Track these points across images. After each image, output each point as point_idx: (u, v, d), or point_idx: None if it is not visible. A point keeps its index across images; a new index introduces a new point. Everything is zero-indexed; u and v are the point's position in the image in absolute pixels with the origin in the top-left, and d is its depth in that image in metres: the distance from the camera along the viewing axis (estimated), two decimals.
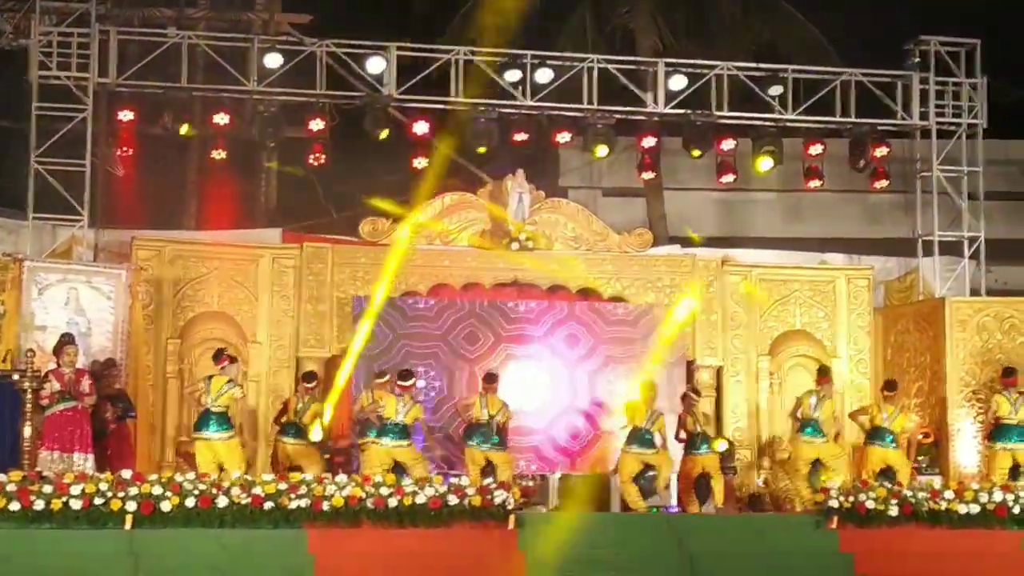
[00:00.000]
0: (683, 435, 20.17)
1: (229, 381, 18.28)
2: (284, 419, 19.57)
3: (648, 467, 19.65)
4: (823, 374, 20.31)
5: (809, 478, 19.43)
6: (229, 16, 26.44)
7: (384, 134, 21.93)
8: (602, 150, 22.73)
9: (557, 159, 28.03)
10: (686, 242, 24.58)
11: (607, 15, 27.88)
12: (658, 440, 19.67)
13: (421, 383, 20.51)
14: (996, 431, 19.72)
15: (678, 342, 21.99)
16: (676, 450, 20.22)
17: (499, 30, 23.01)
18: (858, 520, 17.47)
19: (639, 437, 19.57)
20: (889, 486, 18.06)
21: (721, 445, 20.83)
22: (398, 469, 18.28)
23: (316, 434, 19.44)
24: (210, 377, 18.37)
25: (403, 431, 18.79)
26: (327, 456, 19.85)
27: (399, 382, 19.10)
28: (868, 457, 19.63)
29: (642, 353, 21.79)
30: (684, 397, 20.60)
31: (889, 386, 20.13)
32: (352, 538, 16.19)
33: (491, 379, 19.84)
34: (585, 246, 22.58)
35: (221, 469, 17.54)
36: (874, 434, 19.65)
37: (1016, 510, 17.69)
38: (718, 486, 19.91)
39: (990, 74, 23.34)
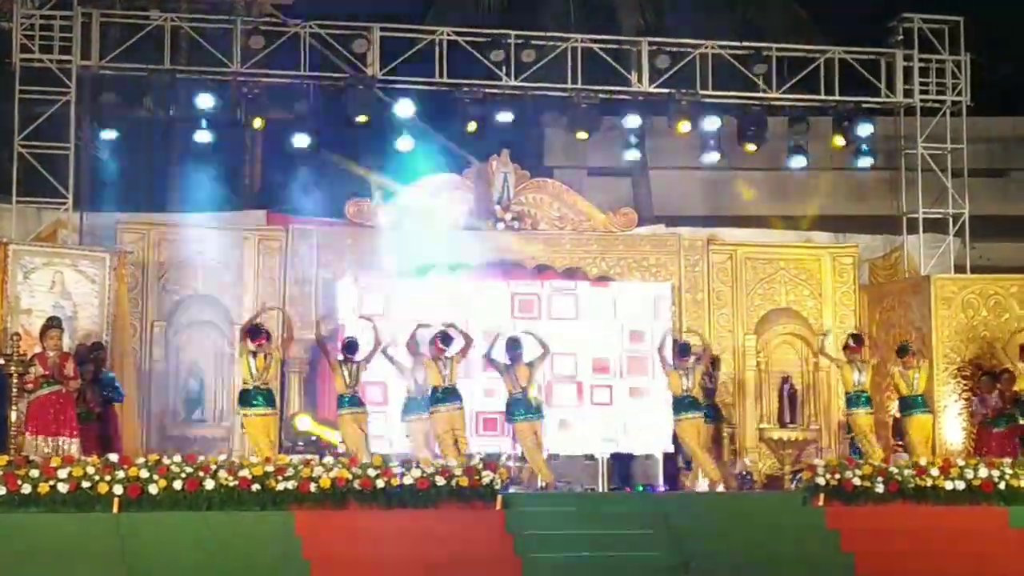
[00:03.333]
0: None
1: (267, 356, 18.11)
2: None
3: None
4: (858, 342, 20.21)
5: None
6: None
7: (368, 115, 21.90)
8: (581, 134, 22.76)
9: (542, 139, 28.01)
10: (671, 221, 24.59)
11: None
12: None
13: None
14: None
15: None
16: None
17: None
18: (844, 497, 17.50)
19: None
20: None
21: None
22: None
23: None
24: (253, 354, 18.06)
25: (455, 392, 18.63)
26: None
27: (441, 344, 18.76)
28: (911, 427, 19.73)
29: None
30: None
31: (902, 350, 20.15)
32: (339, 520, 16.18)
33: (514, 345, 19.23)
34: (570, 226, 22.59)
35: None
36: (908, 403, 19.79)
37: (1002, 486, 17.74)
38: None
39: (973, 51, 23.36)
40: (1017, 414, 19.97)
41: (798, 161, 23.64)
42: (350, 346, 18.75)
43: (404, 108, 22.08)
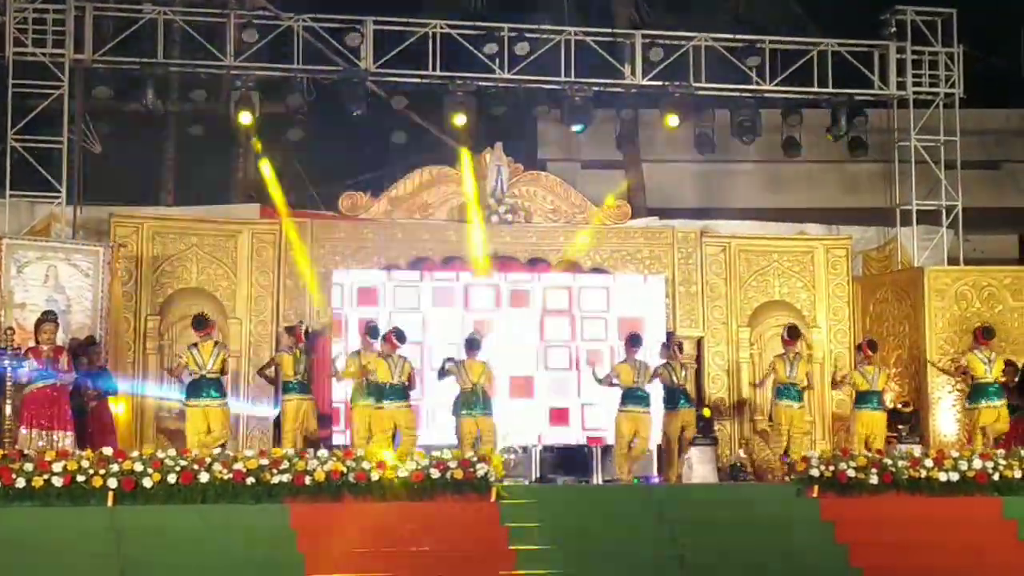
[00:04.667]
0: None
1: (216, 344, 18.33)
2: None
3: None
4: (793, 335, 20.36)
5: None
6: None
7: (361, 109, 21.89)
8: (579, 126, 22.77)
9: (535, 132, 28.00)
10: (665, 214, 24.60)
11: None
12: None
13: None
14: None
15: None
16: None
17: None
18: (839, 488, 17.51)
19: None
20: (868, 454, 18.17)
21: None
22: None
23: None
24: (194, 345, 18.36)
25: (402, 392, 18.78)
26: None
27: (396, 341, 18.92)
28: (859, 422, 19.86)
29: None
30: (666, 346, 20.57)
31: (872, 346, 20.23)
32: (334, 512, 16.18)
33: (472, 345, 19.54)
34: (564, 219, 22.59)
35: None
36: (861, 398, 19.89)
37: (996, 477, 17.76)
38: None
39: (966, 43, 23.37)
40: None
41: (791, 153, 23.68)
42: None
43: (397, 101, 22.06)
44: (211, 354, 18.28)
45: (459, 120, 22.14)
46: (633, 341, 19.89)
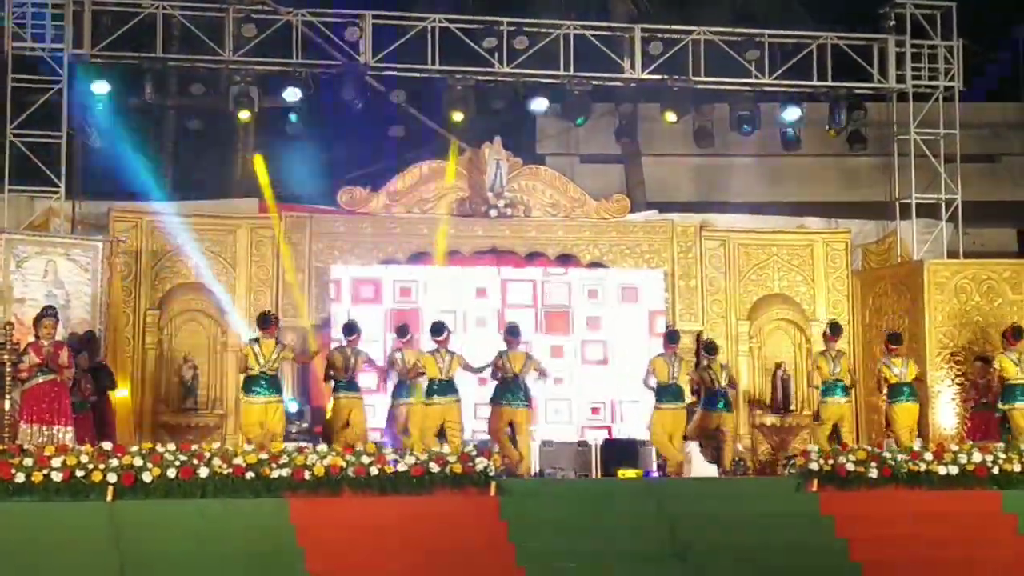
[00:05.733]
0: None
1: (278, 343, 18.23)
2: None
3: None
4: (835, 332, 20.35)
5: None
6: None
7: (360, 103, 21.89)
8: (579, 120, 22.79)
9: (534, 126, 28.00)
10: (664, 207, 24.60)
11: None
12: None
13: None
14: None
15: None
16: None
17: None
18: (838, 482, 17.48)
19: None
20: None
21: None
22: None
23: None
24: (256, 340, 18.20)
25: (450, 386, 18.82)
26: None
27: (434, 336, 18.98)
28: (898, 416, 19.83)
29: None
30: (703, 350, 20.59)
31: (894, 339, 20.18)
32: (334, 507, 16.17)
33: (513, 332, 19.54)
34: (563, 213, 22.59)
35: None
36: (895, 391, 19.87)
37: (995, 471, 17.74)
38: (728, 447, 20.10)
39: (965, 36, 23.36)
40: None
41: (790, 147, 23.68)
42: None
43: (396, 95, 22.07)
44: (272, 351, 18.14)
45: (457, 115, 22.17)
46: (671, 338, 19.92)
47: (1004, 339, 19.99)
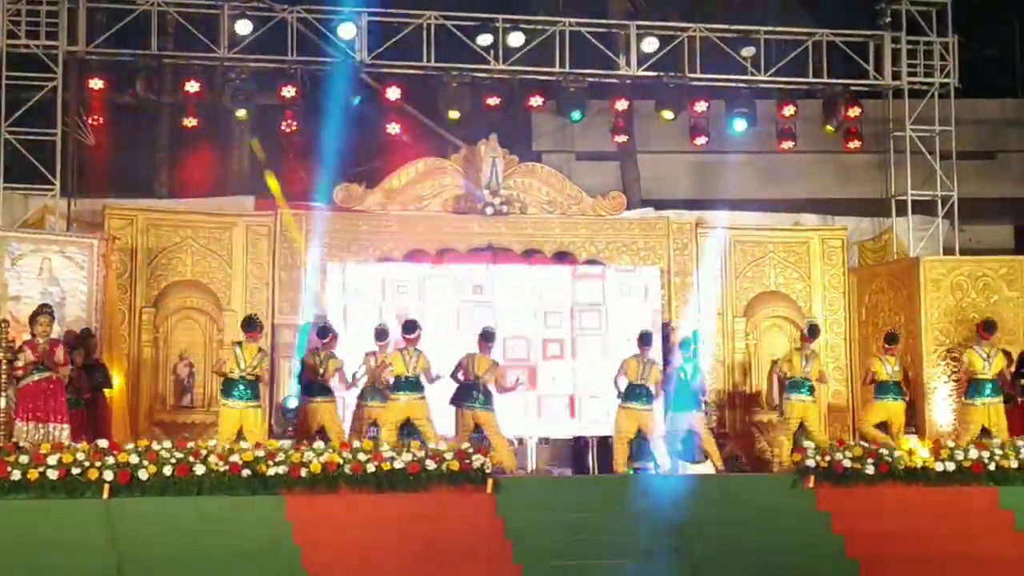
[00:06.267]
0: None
1: (260, 350, 18.13)
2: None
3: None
4: (812, 334, 20.33)
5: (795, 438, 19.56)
6: None
7: (356, 100, 21.87)
8: (576, 115, 22.78)
9: (530, 123, 27.98)
10: (660, 204, 24.59)
11: None
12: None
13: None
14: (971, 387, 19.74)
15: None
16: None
17: None
18: (835, 479, 17.48)
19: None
20: (865, 446, 18.13)
21: None
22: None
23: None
24: (239, 343, 18.10)
25: (416, 384, 18.67)
26: None
27: (405, 334, 18.88)
28: (875, 411, 19.80)
29: None
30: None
31: (890, 339, 20.15)
32: (330, 504, 16.16)
33: (487, 337, 19.43)
34: (559, 210, 22.58)
35: (240, 437, 17.57)
36: (883, 388, 19.79)
37: (992, 467, 17.75)
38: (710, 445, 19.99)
39: (961, 33, 23.35)
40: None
41: (786, 144, 23.68)
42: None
43: (392, 93, 22.05)
44: (254, 356, 18.03)
45: (453, 112, 22.16)
46: (644, 340, 19.81)
47: (977, 333, 20.02)
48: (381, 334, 19.36)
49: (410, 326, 18.89)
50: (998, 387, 19.48)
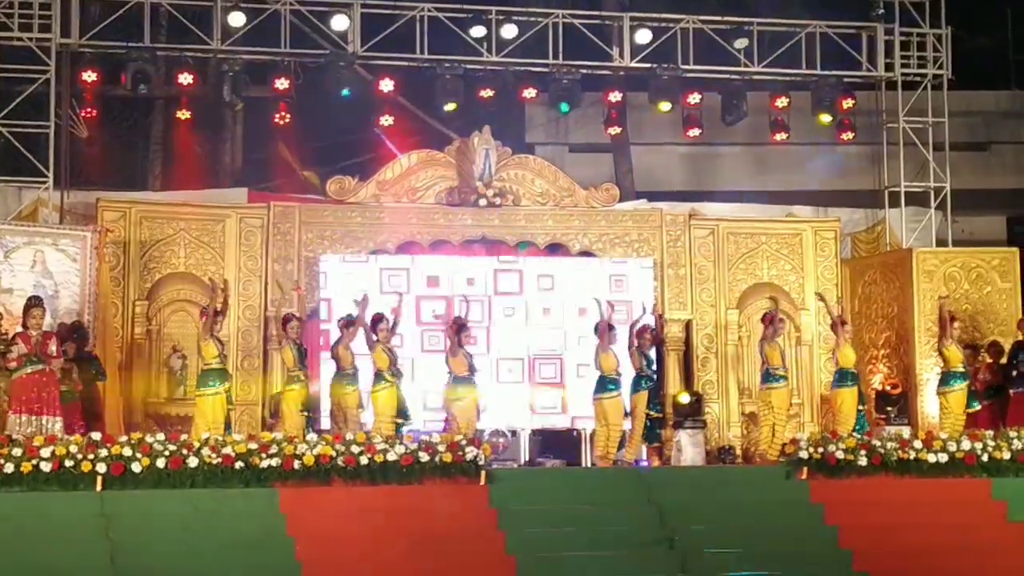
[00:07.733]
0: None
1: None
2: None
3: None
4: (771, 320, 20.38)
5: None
6: None
7: (349, 92, 21.87)
8: (563, 107, 22.79)
9: (523, 115, 27.98)
10: (653, 196, 24.59)
11: None
12: None
13: None
14: None
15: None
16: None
17: None
18: (828, 471, 17.51)
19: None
20: (858, 436, 18.16)
21: (684, 398, 21.04)
22: None
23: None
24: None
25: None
26: None
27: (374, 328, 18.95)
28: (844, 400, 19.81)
29: None
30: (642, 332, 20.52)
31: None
32: (323, 496, 16.18)
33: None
34: (552, 202, 22.55)
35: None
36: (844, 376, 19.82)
37: (984, 458, 17.78)
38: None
39: (954, 24, 23.37)
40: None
41: (779, 136, 23.69)
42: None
43: (385, 85, 22.05)
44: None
45: (446, 103, 22.17)
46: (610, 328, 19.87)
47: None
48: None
49: (376, 321, 18.92)
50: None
